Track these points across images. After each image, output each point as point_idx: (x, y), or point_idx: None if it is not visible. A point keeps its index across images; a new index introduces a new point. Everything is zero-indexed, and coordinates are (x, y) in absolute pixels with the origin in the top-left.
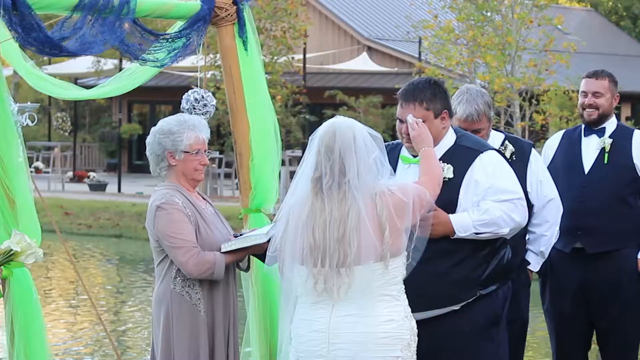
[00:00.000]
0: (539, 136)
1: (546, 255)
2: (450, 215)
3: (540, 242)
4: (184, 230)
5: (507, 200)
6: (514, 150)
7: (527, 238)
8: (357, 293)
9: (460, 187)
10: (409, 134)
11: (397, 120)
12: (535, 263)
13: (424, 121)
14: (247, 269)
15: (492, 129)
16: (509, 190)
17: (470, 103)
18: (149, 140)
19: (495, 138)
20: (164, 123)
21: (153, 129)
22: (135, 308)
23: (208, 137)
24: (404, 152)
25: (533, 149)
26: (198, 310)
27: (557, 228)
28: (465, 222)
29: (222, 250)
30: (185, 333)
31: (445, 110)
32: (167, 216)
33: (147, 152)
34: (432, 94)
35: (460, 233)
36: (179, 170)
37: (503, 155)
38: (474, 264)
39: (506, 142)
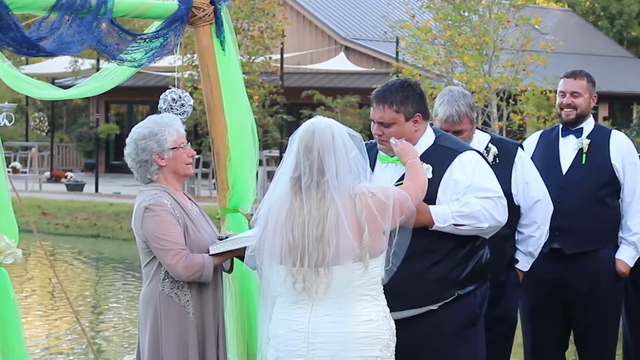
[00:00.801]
0: (517, 136)
1: (535, 255)
2: (430, 205)
3: (529, 242)
4: (173, 232)
5: (487, 197)
6: (497, 152)
7: (516, 239)
8: (336, 293)
9: (438, 186)
10: (379, 135)
11: (372, 122)
12: (524, 262)
13: (394, 123)
14: (230, 270)
15: (478, 129)
16: (488, 188)
17: (451, 104)
18: (129, 151)
19: (481, 139)
20: (141, 129)
21: (129, 140)
22: (113, 308)
23: (185, 131)
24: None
25: (520, 149)
26: (187, 312)
27: (547, 228)
28: (444, 212)
29: (210, 253)
30: (174, 335)
31: (418, 114)
32: (156, 218)
33: (131, 163)
34: (403, 97)
35: (439, 223)
36: (168, 169)
37: (483, 156)
38: (452, 264)
39: (490, 144)
